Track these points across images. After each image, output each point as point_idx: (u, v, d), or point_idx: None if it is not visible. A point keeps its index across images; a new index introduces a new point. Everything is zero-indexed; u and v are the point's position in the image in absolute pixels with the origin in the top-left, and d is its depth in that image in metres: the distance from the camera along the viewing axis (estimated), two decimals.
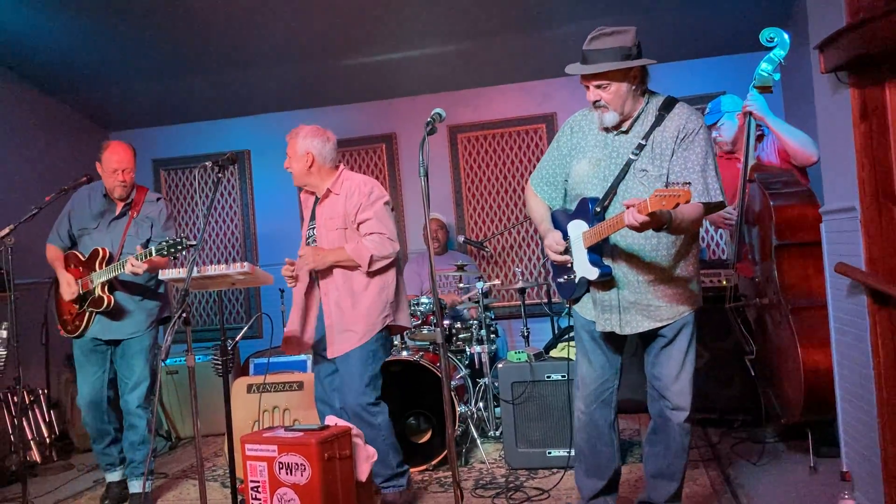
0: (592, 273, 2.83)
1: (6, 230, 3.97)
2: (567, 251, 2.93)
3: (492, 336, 5.06)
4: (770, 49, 3.73)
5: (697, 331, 2.95)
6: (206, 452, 5.23)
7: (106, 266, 4.02)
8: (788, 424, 3.85)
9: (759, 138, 4.13)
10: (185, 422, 5.76)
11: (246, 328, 4.06)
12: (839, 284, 3.18)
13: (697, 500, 3.56)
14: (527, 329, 4.96)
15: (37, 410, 5.29)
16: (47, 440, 5.25)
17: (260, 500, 3.28)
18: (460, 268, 5.20)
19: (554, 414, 4.20)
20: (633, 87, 2.77)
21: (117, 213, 4.20)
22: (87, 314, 4.10)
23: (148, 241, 4.15)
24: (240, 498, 3.37)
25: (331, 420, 3.48)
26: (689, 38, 5.69)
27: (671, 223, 2.56)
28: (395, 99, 6.58)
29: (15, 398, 4.90)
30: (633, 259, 2.83)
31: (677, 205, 2.33)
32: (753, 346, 4.00)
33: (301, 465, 3.18)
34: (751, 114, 3.88)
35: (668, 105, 2.81)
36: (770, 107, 3.94)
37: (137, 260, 3.76)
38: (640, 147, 2.79)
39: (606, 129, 2.87)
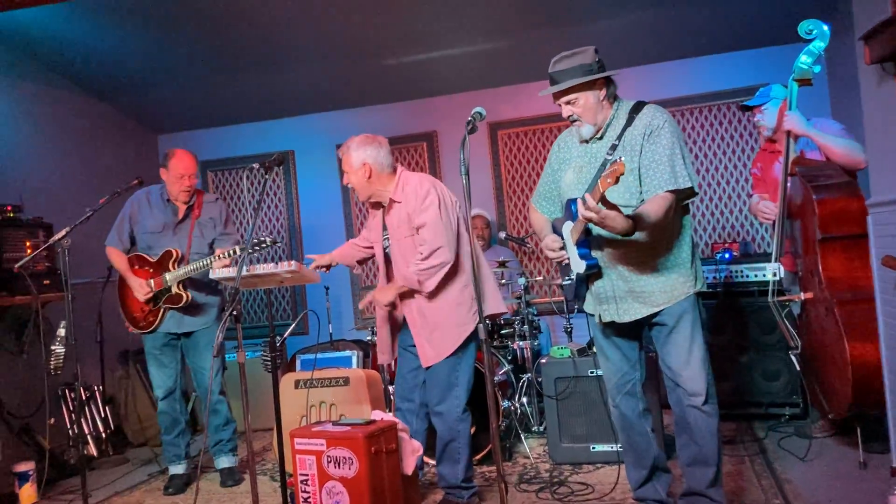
0: (581, 266, 2.95)
1: (62, 232, 4.10)
2: (564, 251, 3.04)
3: (534, 332, 5.09)
4: (809, 41, 3.69)
5: (743, 325, 2.96)
6: (255, 447, 5.34)
7: (179, 266, 4.26)
8: (835, 419, 3.81)
9: None
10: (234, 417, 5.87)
11: (293, 325, 4.16)
12: (887, 277, 3.15)
13: (744, 496, 3.54)
14: (570, 325, 4.96)
15: (93, 406, 5.48)
16: (103, 435, 5.43)
17: (309, 492, 3.36)
18: (502, 264, 5.23)
19: (597, 409, 4.22)
20: (601, 98, 2.97)
21: (180, 216, 4.41)
22: (161, 311, 4.35)
23: (213, 240, 4.43)
24: (289, 491, 3.45)
25: (377, 415, 3.55)
26: (729, 30, 5.62)
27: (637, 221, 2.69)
28: (435, 97, 6.62)
29: (73, 394, 5.08)
30: (619, 249, 2.95)
31: (618, 179, 2.48)
32: (798, 340, 3.96)
33: (349, 458, 3.25)
34: (789, 133, 3.82)
35: (637, 108, 2.99)
36: (814, 98, 3.84)
37: (232, 254, 4.03)
38: (614, 147, 2.96)
39: (586, 141, 3.06)
